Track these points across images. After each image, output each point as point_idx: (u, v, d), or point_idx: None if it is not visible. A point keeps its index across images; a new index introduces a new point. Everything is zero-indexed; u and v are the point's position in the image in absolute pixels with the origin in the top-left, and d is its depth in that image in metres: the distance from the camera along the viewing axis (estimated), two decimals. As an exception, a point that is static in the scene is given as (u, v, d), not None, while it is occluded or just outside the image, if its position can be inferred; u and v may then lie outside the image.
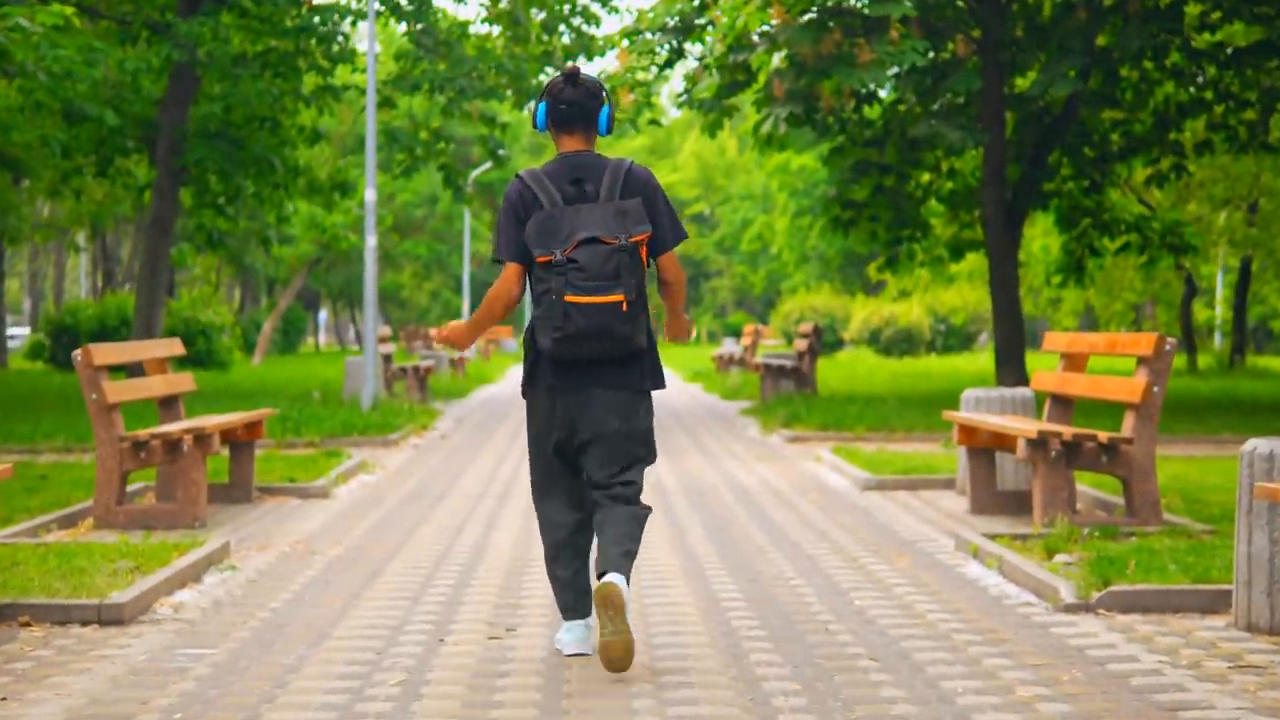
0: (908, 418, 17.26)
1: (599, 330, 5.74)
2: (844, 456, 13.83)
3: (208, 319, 36.17)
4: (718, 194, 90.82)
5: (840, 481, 12.79)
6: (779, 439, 17.06)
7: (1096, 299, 34.21)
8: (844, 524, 10.18)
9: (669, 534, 9.75)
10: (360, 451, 15.79)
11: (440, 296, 57.78)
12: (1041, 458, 9.15)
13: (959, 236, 23.19)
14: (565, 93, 5.93)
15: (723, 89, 19.65)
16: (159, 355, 11.37)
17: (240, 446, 11.67)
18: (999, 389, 11.53)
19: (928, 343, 43.27)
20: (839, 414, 17.52)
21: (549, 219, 5.78)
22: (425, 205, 49.54)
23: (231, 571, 8.43)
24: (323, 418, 17.41)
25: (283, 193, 24.86)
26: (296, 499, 11.87)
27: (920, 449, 15.41)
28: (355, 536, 9.78)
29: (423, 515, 10.79)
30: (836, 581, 7.95)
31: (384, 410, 18.98)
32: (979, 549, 8.49)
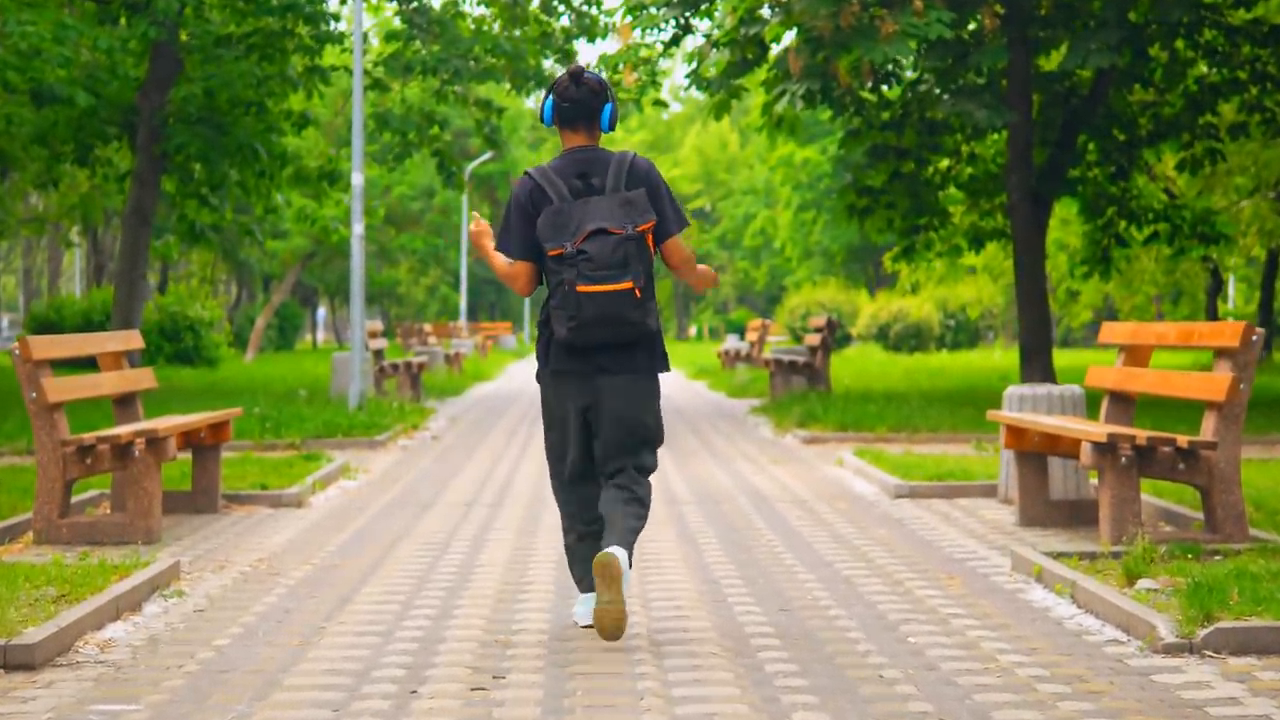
0: (932, 417, 16.11)
1: (611, 317, 5.99)
2: (869, 460, 12.67)
3: (196, 314, 35.01)
4: (719, 189, 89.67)
5: (867, 488, 11.63)
6: (794, 440, 15.90)
7: (1115, 292, 33.02)
8: (879, 538, 9.03)
9: (683, 551, 8.60)
10: (344, 454, 14.64)
11: (438, 292, 56.61)
12: (1110, 464, 7.99)
13: (979, 225, 22.01)
14: (570, 91, 6.16)
15: (731, 66, 18.49)
16: (113, 349, 10.20)
17: (204, 450, 10.52)
18: (1046, 386, 10.37)
19: (937, 338, 42.08)
20: (857, 413, 16.36)
21: (558, 213, 6.02)
22: (422, 198, 48.32)
23: (178, 599, 7.28)
24: (305, 417, 16.26)
25: (268, 182, 23.70)
26: (267, 508, 10.72)
27: (949, 451, 14.25)
28: (326, 554, 8.62)
29: (405, 528, 9.64)
30: (882, 611, 6.79)
31: (372, 409, 17.83)
32: (1043, 571, 7.33)
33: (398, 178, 47.74)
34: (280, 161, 23.40)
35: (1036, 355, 19.03)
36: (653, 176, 6.16)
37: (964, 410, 16.60)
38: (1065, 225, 30.37)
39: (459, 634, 6.41)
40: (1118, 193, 21.74)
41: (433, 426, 18.09)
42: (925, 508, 10.42)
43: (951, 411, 16.47)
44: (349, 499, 11.27)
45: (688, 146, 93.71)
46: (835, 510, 10.34)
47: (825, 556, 8.35)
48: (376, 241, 48.74)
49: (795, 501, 10.83)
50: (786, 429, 16.57)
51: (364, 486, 12.07)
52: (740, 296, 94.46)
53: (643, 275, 6.01)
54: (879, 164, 20.32)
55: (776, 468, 13.22)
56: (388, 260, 51.26)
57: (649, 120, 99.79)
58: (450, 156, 23.11)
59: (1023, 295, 19.30)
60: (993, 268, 35.52)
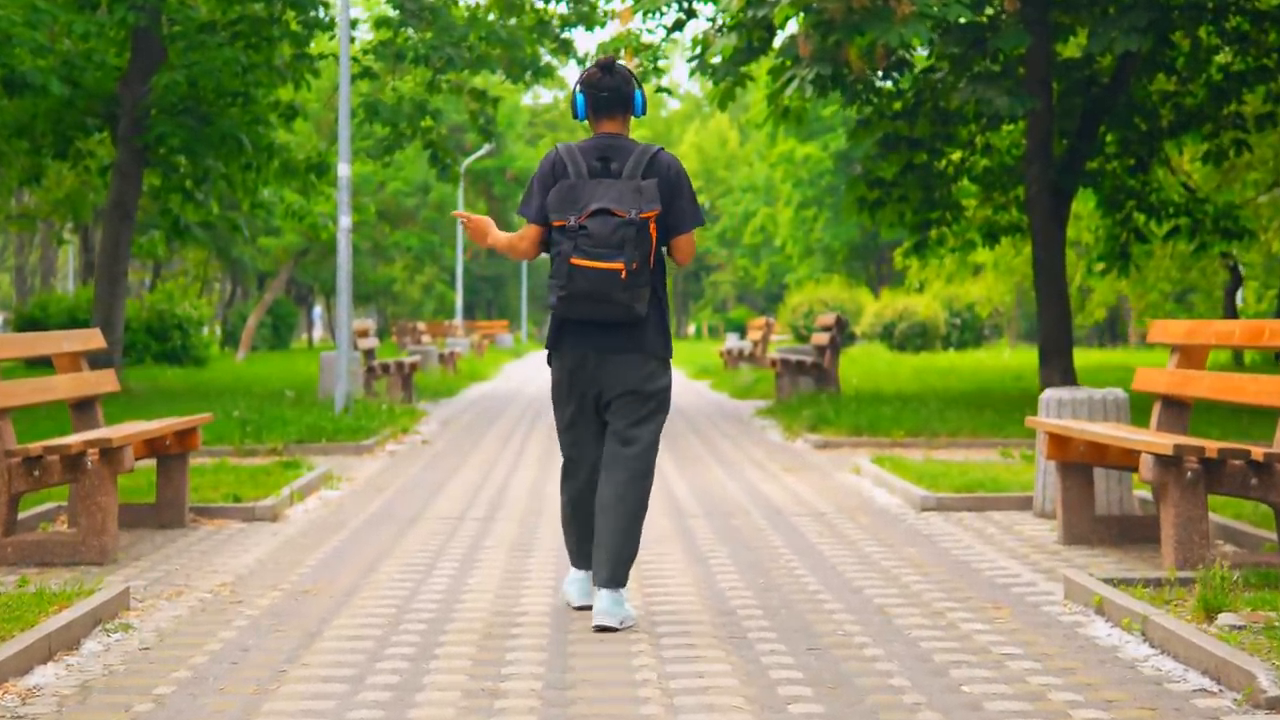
0: (951, 420, 15.24)
1: (598, 293, 6.20)
2: (888, 468, 11.81)
3: (184, 313, 34.17)
4: (719, 186, 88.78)
5: (889, 499, 10.76)
6: (805, 444, 15.04)
7: (1129, 290, 32.12)
8: (909, 559, 8.16)
9: (694, 573, 7.73)
10: (328, 460, 13.78)
11: (433, 290, 55.74)
12: (1174, 480, 7.13)
13: (993, 219, 21.14)
14: (604, 81, 6.42)
15: (737, 53, 17.63)
16: (69, 349, 9.33)
17: (170, 460, 9.65)
18: (1087, 389, 9.51)
19: (943, 337, 41.19)
20: (871, 416, 15.49)
21: (571, 188, 6.27)
22: (417, 194, 47.40)
23: (123, 634, 6.41)
24: (289, 420, 15.39)
25: (254, 175, 22.84)
26: (238, 523, 9.86)
27: (972, 457, 13.39)
28: (297, 577, 7.75)
29: (386, 546, 8.77)
30: (926, 651, 5.93)
31: (360, 412, 16.95)
32: (1104, 602, 6.46)
33: (392, 173, 46.86)
34: (267, 154, 22.55)
35: (1056, 356, 18.17)
36: (675, 170, 6.39)
37: (984, 414, 15.74)
38: (1077, 221, 29.49)
39: (441, 678, 5.54)
40: (1137, 186, 20.89)
41: (423, 430, 17.23)
42: (955, 522, 9.56)
43: (971, 415, 15.60)
44: (328, 511, 10.40)
45: (686, 143, 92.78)
46: (857, 525, 9.47)
47: (852, 581, 7.49)
48: (371, 239, 47.85)
49: (812, 515, 9.96)
50: (796, 433, 15.71)
51: (346, 497, 11.20)
52: (740, 295, 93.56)
53: (636, 260, 6.19)
54: (890, 155, 19.45)
55: (789, 476, 12.36)
56: (382, 258, 50.36)
57: (647, 116, 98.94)
58: (443, 148, 22.24)
59: (1041, 293, 18.44)
60: (1002, 264, 34.60)
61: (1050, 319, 18.34)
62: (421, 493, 11.37)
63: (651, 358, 6.44)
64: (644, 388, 6.44)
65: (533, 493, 11.26)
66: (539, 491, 11.34)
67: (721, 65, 17.76)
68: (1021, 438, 14.59)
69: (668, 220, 6.36)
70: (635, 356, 6.40)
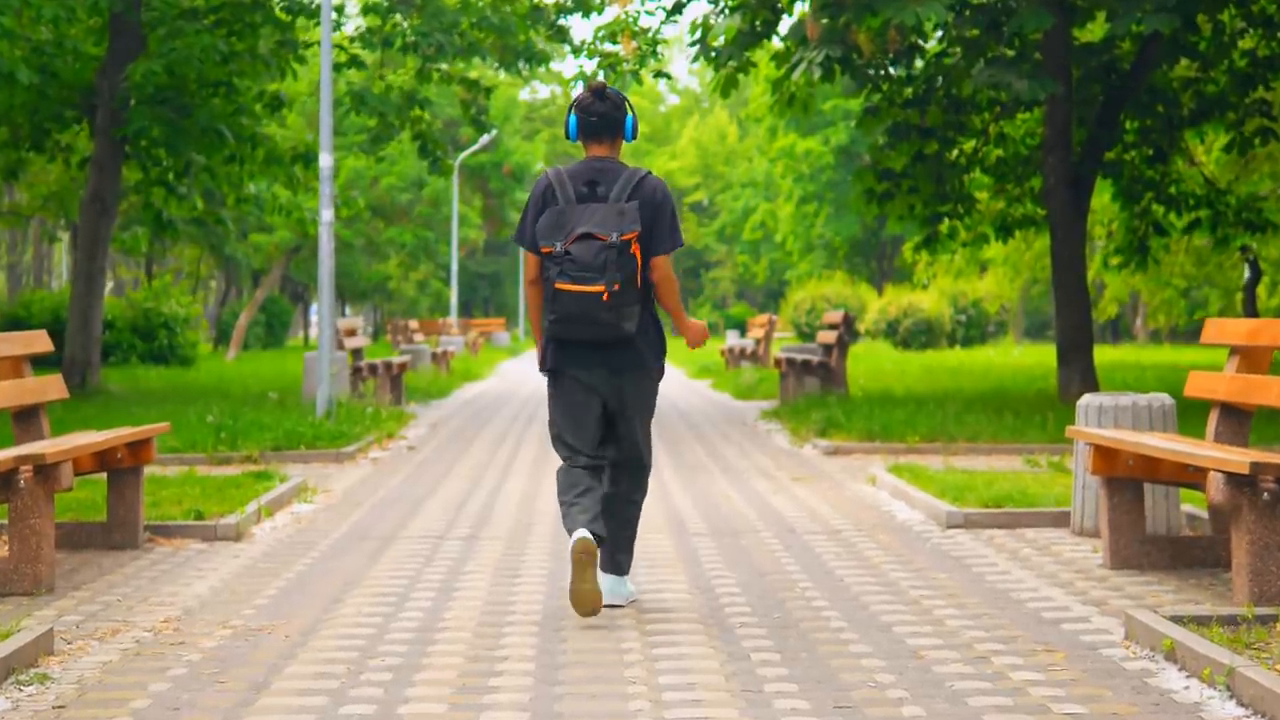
0: (968, 424, 14.35)
1: (585, 315, 6.42)
2: (907, 478, 10.93)
3: (171, 311, 33.22)
4: (718, 182, 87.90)
5: (910, 515, 9.88)
6: (814, 451, 14.16)
7: (1143, 284, 31.23)
8: (941, 587, 7.28)
9: (701, 606, 6.85)
10: (305, 469, 12.91)
11: (429, 287, 54.84)
12: (1249, 501, 6.25)
13: (1006, 212, 20.24)
14: (595, 106, 6.63)
15: (741, 35, 16.75)
16: (10, 353, 8.43)
17: (122, 475, 8.78)
18: (1130, 395, 8.64)
19: (948, 334, 40.30)
20: (884, 420, 14.59)
21: (560, 214, 6.47)
22: (411, 189, 46.48)
23: (38, 685, 5.53)
24: (266, 426, 14.49)
25: (237, 168, 21.95)
26: (199, 543, 8.98)
27: (995, 466, 12.52)
28: (252, 611, 6.88)
29: (357, 571, 7.89)
30: (975, 710, 5.04)
31: (344, 416, 16.07)
32: (1176, 646, 5.58)
33: (385, 168, 45.96)
34: (250, 145, 21.65)
35: (1075, 355, 17.28)
36: (660, 193, 6.56)
37: (1003, 417, 14.85)
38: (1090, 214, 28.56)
39: (401, 750, 4.67)
40: (1156, 177, 20.01)
41: (410, 435, 16.35)
42: (987, 542, 8.68)
43: (989, 418, 14.70)
44: (298, 529, 9.52)
45: (685, 139, 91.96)
46: (879, 545, 8.59)
47: (880, 616, 6.61)
48: (364, 235, 46.93)
49: (828, 533, 9.08)
50: (804, 438, 14.82)
51: (320, 512, 10.32)
52: (739, 291, 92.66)
53: (619, 281, 6.40)
54: (900, 145, 18.54)
55: (799, 486, 11.48)
56: (376, 255, 49.43)
57: (645, 112, 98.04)
58: (434, 139, 21.33)
59: (1060, 288, 17.55)
60: (1012, 260, 33.68)
61: (1069, 317, 17.45)
62: (402, 507, 10.49)
63: (648, 375, 6.73)
64: (642, 401, 6.74)
65: (522, 506, 10.38)
66: (529, 505, 10.47)
67: (724, 49, 16.86)
68: (1045, 443, 13.73)
69: (647, 242, 6.55)
70: (630, 377, 6.67)
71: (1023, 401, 16.97)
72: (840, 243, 65.84)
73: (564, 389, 6.70)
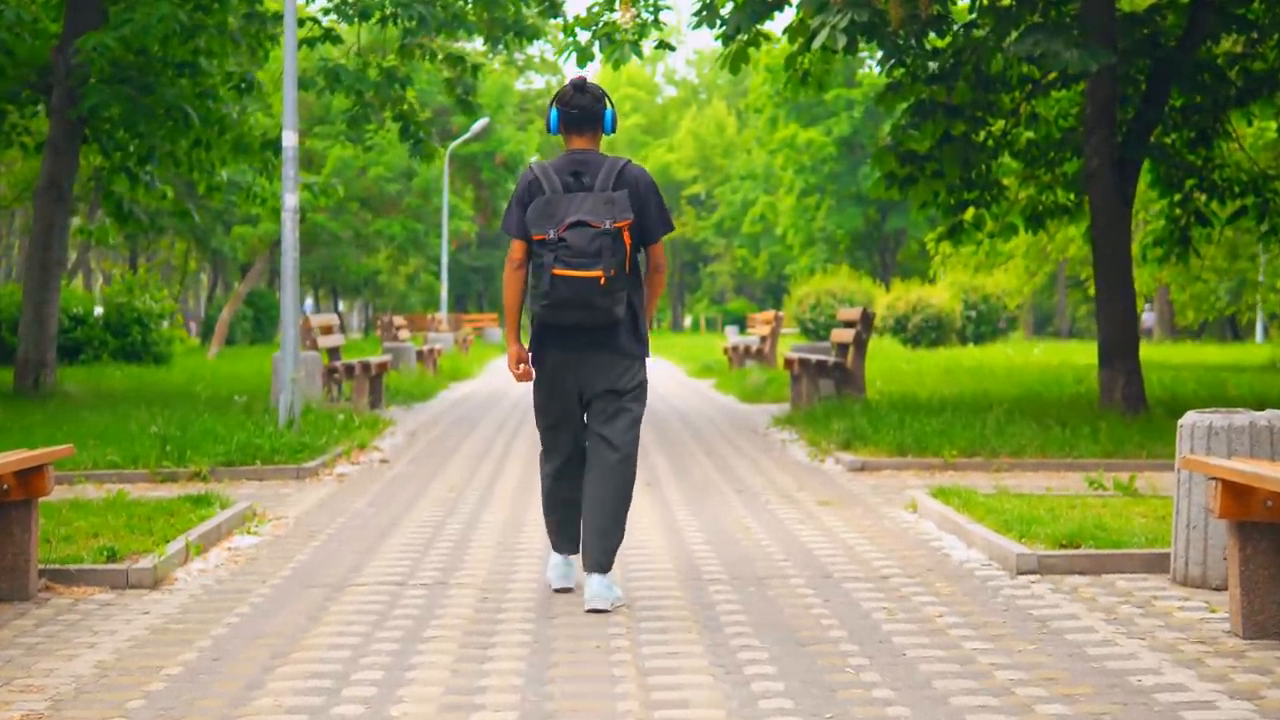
0: (1011, 435, 12.72)
1: (580, 300, 6.55)
2: (955, 505, 9.31)
3: (145, 306, 31.53)
4: (716, 174, 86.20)
5: (968, 554, 8.25)
6: (838, 467, 12.54)
7: (1172, 278, 29.54)
8: (1038, 667, 5.66)
9: (726, 698, 5.22)
10: (260, 489, 11.30)
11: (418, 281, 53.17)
12: None
13: (1037, 200, 18.58)
14: (575, 99, 6.85)
15: (751, 1, 15.11)
16: None
17: (9, 510, 7.16)
18: (1245, 412, 7.04)
19: (958, 331, 38.67)
20: (916, 430, 12.96)
21: (548, 203, 6.65)
22: (400, 180, 44.75)
23: None
24: (219, 437, 12.85)
25: (205, 153, 20.30)
26: (107, 592, 7.37)
27: (1051, 486, 10.91)
28: (140, 701, 5.25)
29: (291, 636, 6.27)
30: None
31: (311, 424, 14.43)
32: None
33: (374, 158, 44.28)
34: (218, 129, 20.02)
35: (1119, 356, 15.64)
36: (644, 182, 6.76)
37: (1047, 427, 13.23)
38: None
39: None
40: (1198, 162, 18.38)
41: (385, 445, 14.72)
42: (1071, 594, 7.05)
43: (1033, 429, 13.07)
44: (232, 572, 7.90)
45: (683, 130, 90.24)
46: (939, 599, 6.97)
47: (957, 709, 4.98)
48: (352, 227, 45.25)
49: (873, 580, 7.46)
50: (825, 450, 13.19)
51: (264, 548, 8.70)
52: (738, 286, 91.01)
53: (613, 267, 6.54)
54: (924, 124, 16.88)
55: (827, 513, 9.86)
56: (365, 248, 47.73)
57: (641, 104, 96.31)
58: (416, 120, 19.68)
59: (1103, 283, 15.91)
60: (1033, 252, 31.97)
61: (1113, 314, 15.82)
62: (361, 540, 8.86)
63: (627, 357, 6.78)
64: (621, 386, 6.79)
65: (503, 543, 8.77)
66: (511, 540, 8.85)
67: (732, 16, 15.19)
68: (1098, 457, 12.16)
69: (640, 230, 6.73)
70: (613, 357, 6.76)
71: (1064, 407, 15.36)
72: (842, 236, 64.24)
73: (546, 375, 6.85)
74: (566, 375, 6.79)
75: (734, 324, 72.25)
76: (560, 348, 6.76)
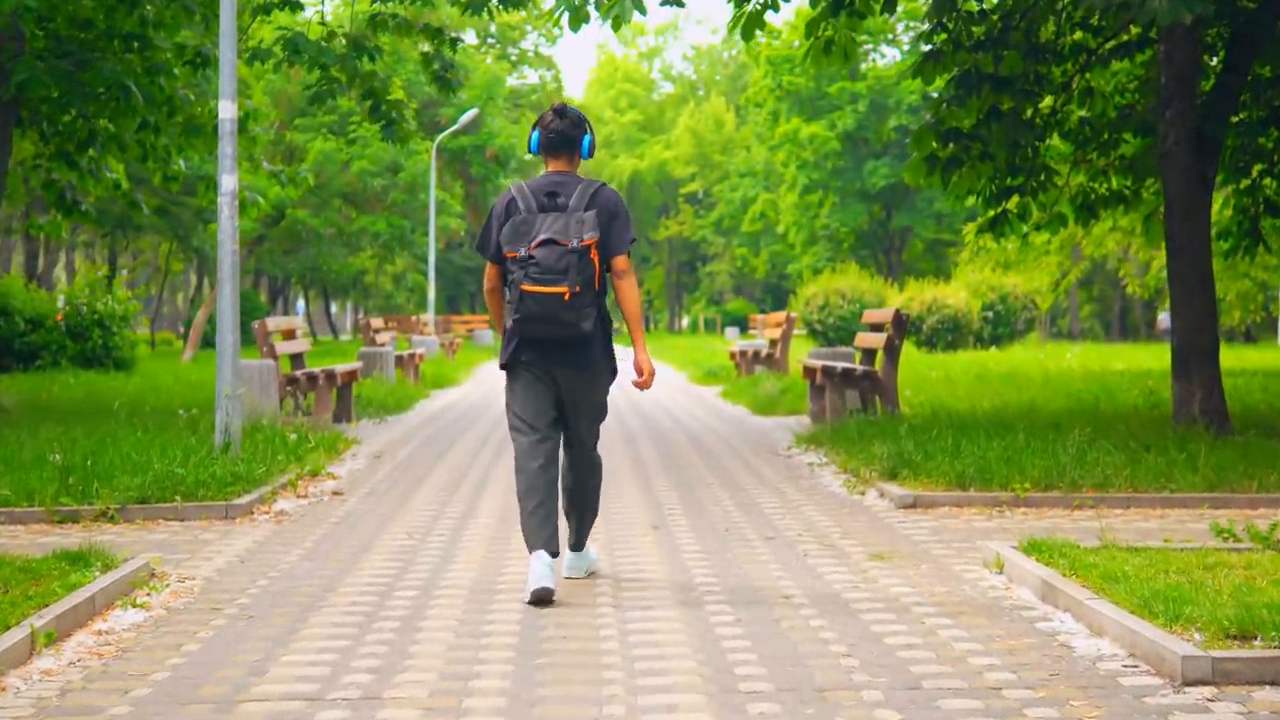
0: (1091, 463, 10.53)
1: (547, 315, 6.92)
2: (1057, 565, 7.15)
3: (107, 308, 29.32)
4: (714, 171, 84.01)
5: (1093, 643, 6.07)
6: (883, 501, 10.36)
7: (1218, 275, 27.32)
8: None
9: None
10: (176, 534, 9.16)
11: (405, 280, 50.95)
12: None
13: (1090, 187, 16.40)
14: (554, 124, 7.22)
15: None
16: None
17: None
18: None
19: (975, 333, 36.49)
20: (976, 456, 10.76)
21: (522, 222, 7.00)
22: (385, 174, 42.53)
23: None
24: (136, 466, 10.63)
25: (152, 136, 18.12)
26: (-107, 715, 5.19)
27: (1166, 531, 8.75)
28: None
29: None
30: None
31: (256, 446, 12.23)
32: None
33: (358, 150, 42.06)
34: (167, 109, 17.85)
35: (1197, 365, 13.46)
36: (612, 202, 7.09)
37: (1133, 451, 11.05)
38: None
39: None
40: (1268, 145, 16.24)
41: (343, 471, 12.54)
42: None
43: (1117, 455, 10.87)
44: (89, 675, 5.73)
45: (680, 127, 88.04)
46: (1088, 734, 4.81)
47: None
48: (334, 224, 43.00)
49: (979, 694, 5.29)
50: (866, 480, 11.01)
51: (147, 629, 6.53)
52: (737, 286, 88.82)
53: (579, 284, 6.89)
54: (970, 99, 14.70)
55: (886, 572, 7.69)
56: (349, 246, 45.46)
57: (639, 100, 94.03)
58: (387, 99, 17.48)
59: (1179, 280, 13.73)
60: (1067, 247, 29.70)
61: (1190, 317, 13.63)
62: (281, 618, 6.69)
63: (599, 373, 7.17)
64: (593, 398, 7.24)
65: (466, 623, 6.59)
66: (476, 616, 6.68)
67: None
68: (1202, 491, 10.02)
69: (606, 243, 7.02)
70: (585, 374, 7.14)
71: (1141, 425, 13.17)
72: (846, 234, 62.08)
73: (520, 380, 7.15)
74: (541, 384, 7.12)
75: (734, 325, 70.08)
76: (534, 360, 7.09)
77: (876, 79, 59.75)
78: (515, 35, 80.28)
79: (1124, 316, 71.90)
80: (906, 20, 61.73)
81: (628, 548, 8.50)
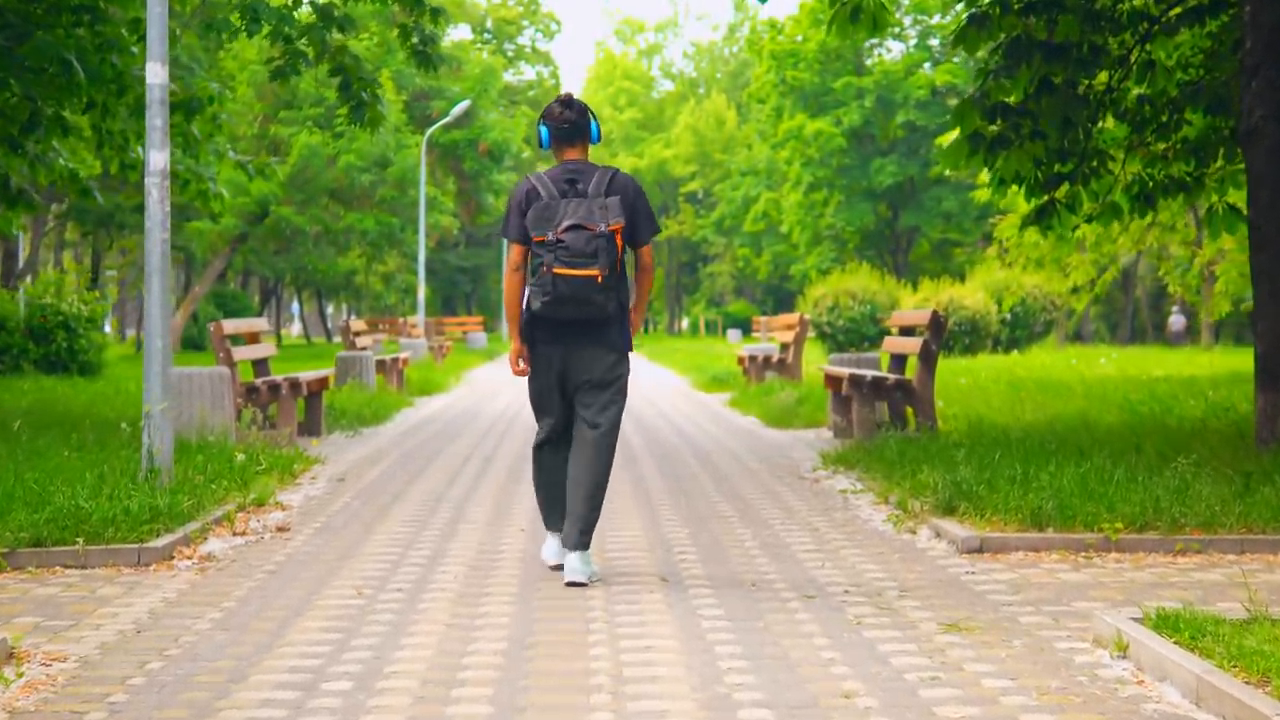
0: (1190, 496, 8.70)
1: (579, 297, 7.13)
2: (1213, 656, 5.35)
3: (72, 310, 27.51)
4: (715, 170, 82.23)
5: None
6: (940, 542, 8.55)
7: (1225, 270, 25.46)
8: None
9: None
10: (72, 586, 7.40)
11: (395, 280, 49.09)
12: None
13: (1148, 174, 14.59)
14: (564, 115, 7.41)
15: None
16: None
17: None
18: None
19: (993, 336, 34.70)
20: (1051, 488, 8.92)
21: (546, 208, 7.18)
22: (373, 170, 40.68)
23: None
24: (35, 500, 8.79)
25: (99, 117, 16.33)
26: None
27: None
28: None
29: None
30: None
31: (191, 471, 10.40)
32: None
33: (345, 145, 40.24)
34: (116, 89, 16.06)
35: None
36: (632, 189, 7.35)
37: (1231, 480, 9.23)
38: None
39: None
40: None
41: (296, 499, 10.72)
42: None
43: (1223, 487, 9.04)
44: None
45: (681, 125, 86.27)
46: None
47: None
48: (320, 221, 41.17)
49: None
50: (916, 515, 9.19)
51: (-36, 753, 4.72)
52: (738, 287, 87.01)
53: (608, 266, 7.11)
54: (1020, 69, 12.89)
55: (963, 648, 5.89)
56: (336, 245, 43.62)
57: (638, 98, 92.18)
58: (357, 75, 15.65)
59: (1264, 278, 11.89)
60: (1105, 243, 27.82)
61: (1276, 320, 11.84)
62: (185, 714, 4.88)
63: (613, 351, 7.33)
64: (606, 377, 7.33)
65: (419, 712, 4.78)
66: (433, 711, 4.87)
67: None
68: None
69: (630, 233, 7.30)
70: (599, 350, 7.30)
71: (1228, 447, 11.32)
72: (851, 234, 60.30)
73: (541, 362, 7.36)
74: (552, 364, 7.33)
75: (735, 327, 68.32)
76: (551, 340, 7.31)
77: (884, 74, 57.99)
78: (512, 30, 78.50)
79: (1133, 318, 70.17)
80: (914, 14, 60.00)
81: (631, 613, 6.69)
